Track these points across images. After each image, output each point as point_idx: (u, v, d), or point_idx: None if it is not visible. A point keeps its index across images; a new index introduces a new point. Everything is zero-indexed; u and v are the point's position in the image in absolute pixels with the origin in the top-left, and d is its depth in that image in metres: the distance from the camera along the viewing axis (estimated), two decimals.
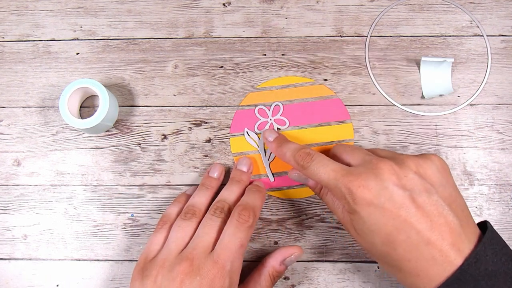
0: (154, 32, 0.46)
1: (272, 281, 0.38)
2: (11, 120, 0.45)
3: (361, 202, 0.31)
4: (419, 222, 0.30)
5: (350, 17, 0.46)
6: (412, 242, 0.30)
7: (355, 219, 0.32)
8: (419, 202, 0.30)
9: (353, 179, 0.32)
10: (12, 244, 0.43)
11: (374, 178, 0.31)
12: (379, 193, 0.31)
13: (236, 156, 0.43)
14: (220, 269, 0.32)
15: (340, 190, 0.32)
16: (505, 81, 0.44)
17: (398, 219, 0.30)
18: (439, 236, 0.30)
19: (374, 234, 0.31)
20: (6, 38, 0.46)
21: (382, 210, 0.31)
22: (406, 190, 0.31)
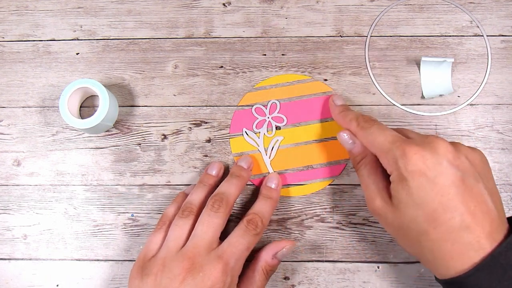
0: (154, 32, 0.46)
1: (266, 275, 0.38)
2: (11, 120, 0.45)
3: (413, 170, 0.31)
4: (465, 205, 0.30)
5: (350, 17, 0.46)
6: (454, 223, 0.30)
7: (401, 189, 0.31)
8: (468, 186, 0.30)
9: (410, 145, 0.32)
10: (12, 244, 0.43)
11: (430, 151, 0.31)
12: (433, 166, 0.31)
13: (236, 156, 0.43)
14: (224, 264, 0.33)
15: (394, 154, 0.32)
16: (505, 81, 0.44)
17: (447, 197, 0.30)
18: (479, 223, 0.30)
19: (418, 208, 0.31)
20: (6, 38, 0.46)
21: (433, 184, 0.30)
22: (458, 171, 0.31)
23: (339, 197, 0.42)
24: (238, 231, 0.35)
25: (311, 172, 0.43)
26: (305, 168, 0.43)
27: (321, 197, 0.43)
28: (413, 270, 0.41)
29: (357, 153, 0.38)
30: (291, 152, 0.43)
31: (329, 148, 0.43)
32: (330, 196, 0.43)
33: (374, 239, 0.42)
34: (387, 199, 0.33)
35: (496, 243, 0.30)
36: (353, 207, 0.42)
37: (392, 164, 0.32)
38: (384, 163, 0.34)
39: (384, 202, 0.33)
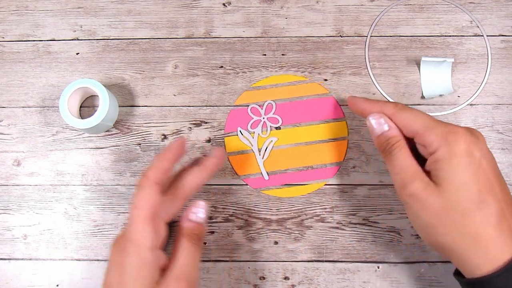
0: (154, 32, 0.46)
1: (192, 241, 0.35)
2: (11, 120, 0.45)
3: (463, 148, 0.31)
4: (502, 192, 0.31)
5: (350, 17, 0.46)
6: (496, 207, 0.30)
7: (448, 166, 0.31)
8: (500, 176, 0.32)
9: (458, 128, 0.32)
10: (12, 244, 0.43)
11: (471, 135, 0.32)
12: (478, 149, 0.31)
13: (231, 155, 0.43)
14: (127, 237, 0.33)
15: (443, 129, 0.32)
16: (505, 81, 0.44)
17: (490, 180, 0.31)
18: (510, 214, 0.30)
19: (465, 188, 0.30)
20: (6, 38, 0.46)
21: (479, 165, 0.31)
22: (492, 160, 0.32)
23: (339, 197, 0.42)
24: None
25: (304, 173, 0.43)
26: (298, 170, 0.43)
27: (321, 197, 0.43)
28: (413, 270, 0.41)
29: (392, 135, 0.35)
30: (284, 153, 0.43)
31: (324, 150, 0.43)
32: (330, 196, 0.43)
33: (374, 239, 0.42)
34: (428, 180, 0.32)
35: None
36: (353, 207, 0.42)
37: (441, 140, 0.32)
38: (429, 139, 0.32)
39: (425, 184, 0.32)
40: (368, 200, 0.42)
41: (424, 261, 0.41)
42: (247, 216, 0.43)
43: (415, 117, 0.34)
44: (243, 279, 0.42)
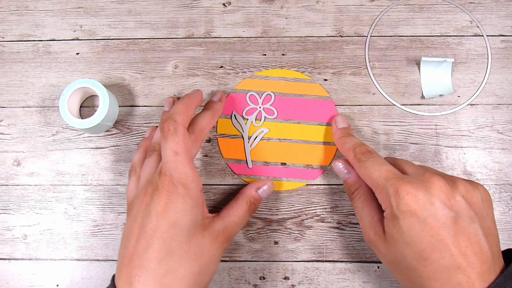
0: (154, 32, 0.46)
1: (249, 208, 0.38)
2: (11, 120, 0.45)
3: (404, 209, 0.31)
4: (456, 246, 0.30)
5: (350, 17, 0.46)
6: (444, 263, 0.30)
7: (392, 226, 0.32)
8: (461, 226, 0.31)
9: (403, 184, 0.32)
10: (12, 244, 0.43)
11: (424, 190, 0.31)
12: (425, 207, 0.31)
13: (220, 137, 0.43)
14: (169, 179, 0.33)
15: (387, 191, 0.32)
16: (505, 81, 0.44)
17: (437, 237, 0.30)
18: (470, 264, 0.30)
19: (408, 246, 0.31)
20: (6, 38, 0.46)
21: (424, 224, 0.30)
22: (451, 211, 0.31)
23: (339, 197, 0.42)
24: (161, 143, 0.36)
25: (287, 170, 0.43)
26: (282, 165, 0.43)
27: (321, 197, 0.43)
28: None
29: (352, 183, 0.38)
30: (272, 146, 0.43)
31: (312, 151, 0.43)
32: (330, 196, 0.43)
33: None
34: (381, 232, 0.34)
35: (487, 284, 0.29)
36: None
37: (385, 202, 0.33)
38: (379, 198, 0.34)
39: (377, 235, 0.34)
40: None
41: None
42: None
43: (369, 174, 0.34)
44: (243, 279, 0.42)
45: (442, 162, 0.43)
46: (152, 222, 0.32)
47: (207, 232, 0.34)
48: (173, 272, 0.32)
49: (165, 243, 0.32)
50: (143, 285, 0.31)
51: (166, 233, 0.32)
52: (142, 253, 0.32)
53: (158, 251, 0.32)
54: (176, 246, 0.32)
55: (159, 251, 0.32)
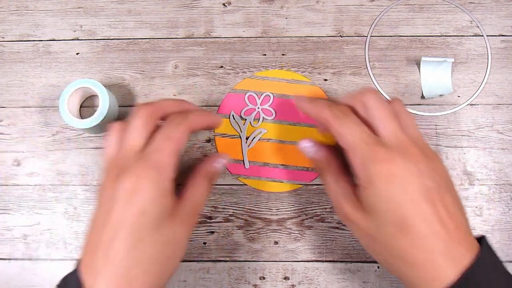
0: (154, 32, 0.46)
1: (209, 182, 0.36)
2: (11, 120, 0.45)
3: (382, 174, 0.30)
4: (435, 214, 0.29)
5: (350, 17, 0.46)
6: (423, 231, 0.29)
7: (369, 193, 0.31)
8: (439, 195, 0.30)
9: (381, 150, 0.30)
10: (12, 244, 0.43)
11: (402, 158, 0.30)
12: (404, 173, 0.30)
13: (217, 136, 0.43)
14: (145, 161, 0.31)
15: (364, 154, 0.31)
16: (505, 81, 0.44)
17: (414, 204, 0.29)
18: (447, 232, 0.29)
19: (387, 213, 0.30)
20: (6, 38, 0.46)
21: (402, 190, 0.30)
22: (427, 180, 0.30)
23: None
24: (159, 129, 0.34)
25: (284, 171, 0.43)
26: (279, 167, 0.43)
27: (321, 197, 0.43)
28: None
29: (321, 159, 0.36)
30: (270, 147, 0.43)
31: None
32: None
33: None
34: (357, 204, 0.32)
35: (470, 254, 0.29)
36: None
37: (361, 165, 0.31)
38: (352, 161, 0.32)
39: (355, 207, 0.32)
40: None
41: None
42: (247, 216, 0.43)
43: (346, 133, 0.32)
44: (243, 279, 0.42)
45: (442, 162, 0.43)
46: (118, 208, 0.30)
47: (176, 217, 0.33)
48: (140, 264, 0.30)
49: (133, 234, 0.30)
50: (109, 278, 0.30)
51: (134, 223, 0.30)
52: (108, 243, 0.30)
53: (124, 241, 0.30)
54: (145, 236, 0.31)
55: (126, 241, 0.30)
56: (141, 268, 0.30)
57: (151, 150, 0.32)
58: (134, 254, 0.30)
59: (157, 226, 0.31)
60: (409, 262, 0.30)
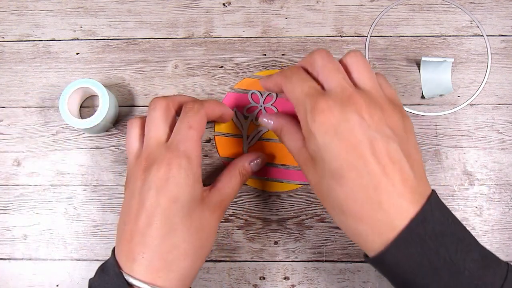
0: (154, 32, 0.46)
1: (242, 179, 0.38)
2: (11, 120, 0.45)
3: (319, 124, 0.30)
4: (373, 164, 0.29)
5: (350, 17, 0.46)
6: (361, 182, 0.29)
7: (310, 143, 0.31)
8: (379, 145, 0.29)
9: (321, 100, 0.30)
10: (12, 244, 0.43)
11: (341, 106, 0.30)
12: (340, 123, 0.29)
13: (217, 135, 0.43)
14: (173, 151, 0.33)
15: (305, 107, 0.31)
16: (505, 81, 0.44)
17: (352, 154, 0.29)
18: (389, 183, 0.28)
19: (325, 164, 0.30)
20: (6, 38, 0.46)
21: (339, 140, 0.29)
22: (369, 129, 0.29)
23: None
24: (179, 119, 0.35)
25: (284, 171, 0.43)
26: (279, 166, 0.43)
27: None
28: None
29: (277, 125, 0.37)
30: (270, 146, 0.43)
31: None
32: None
33: None
34: (308, 156, 0.33)
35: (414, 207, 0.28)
36: None
37: (303, 118, 0.31)
38: (299, 116, 0.33)
39: (305, 159, 0.33)
40: None
41: None
42: (247, 216, 0.43)
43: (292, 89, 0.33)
44: (243, 279, 0.42)
45: (442, 162, 0.43)
46: (152, 197, 0.32)
47: (205, 206, 0.34)
48: (177, 248, 0.32)
49: (167, 220, 0.32)
50: (148, 262, 0.31)
51: (167, 209, 0.32)
52: (144, 229, 0.32)
53: (160, 227, 0.31)
54: (178, 222, 0.32)
55: (161, 227, 0.31)
56: (177, 252, 0.32)
57: (177, 141, 0.33)
58: (170, 239, 0.32)
59: (189, 212, 0.33)
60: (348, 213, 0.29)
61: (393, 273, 0.29)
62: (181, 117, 0.35)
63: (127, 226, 0.32)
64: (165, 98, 0.36)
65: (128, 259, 0.32)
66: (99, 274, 0.33)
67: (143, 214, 0.32)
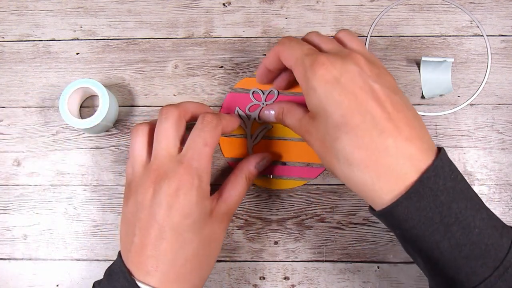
0: (154, 32, 0.46)
1: (247, 182, 0.38)
2: (11, 120, 0.45)
3: (320, 76, 0.30)
4: (377, 109, 0.29)
5: (350, 17, 0.46)
6: (366, 127, 0.28)
7: (312, 98, 0.31)
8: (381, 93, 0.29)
9: (320, 56, 0.31)
10: (12, 244, 0.43)
11: (341, 60, 0.31)
12: (341, 73, 0.30)
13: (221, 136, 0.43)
14: (186, 167, 0.32)
15: (304, 64, 0.32)
16: (505, 81, 0.44)
17: (355, 101, 0.29)
18: (395, 129, 0.28)
19: (327, 115, 0.30)
20: (6, 38, 0.46)
21: (341, 88, 0.30)
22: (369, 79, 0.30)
23: (339, 197, 0.43)
24: (194, 131, 0.35)
25: (288, 168, 0.42)
26: (283, 164, 0.43)
27: (321, 197, 0.43)
28: (413, 270, 0.41)
29: (278, 111, 0.38)
30: (274, 144, 0.43)
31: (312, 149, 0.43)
32: (330, 196, 0.43)
33: (374, 239, 0.42)
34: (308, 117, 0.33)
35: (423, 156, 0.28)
36: (353, 207, 0.42)
37: (303, 76, 0.32)
38: (296, 77, 0.33)
39: (305, 120, 0.33)
40: None
41: None
42: (247, 216, 0.43)
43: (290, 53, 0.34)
44: (243, 279, 0.42)
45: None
46: (163, 211, 0.32)
47: (214, 218, 0.35)
48: (190, 262, 0.32)
49: (180, 235, 0.32)
50: (162, 275, 0.31)
51: (179, 224, 0.32)
52: (156, 243, 0.32)
53: (173, 242, 0.32)
54: (190, 237, 0.32)
55: (174, 242, 0.32)
56: (189, 265, 0.32)
57: (191, 156, 0.33)
58: (183, 254, 0.32)
59: (199, 227, 0.33)
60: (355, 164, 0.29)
61: (402, 227, 0.29)
62: (197, 131, 0.34)
63: (137, 237, 0.32)
64: (177, 107, 0.35)
65: (140, 270, 0.32)
66: (107, 278, 0.33)
67: (154, 227, 0.32)
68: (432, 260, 0.29)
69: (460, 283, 0.28)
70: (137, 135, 0.35)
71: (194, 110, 0.37)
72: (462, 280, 0.28)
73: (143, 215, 0.32)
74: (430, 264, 0.29)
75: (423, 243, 0.28)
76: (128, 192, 0.35)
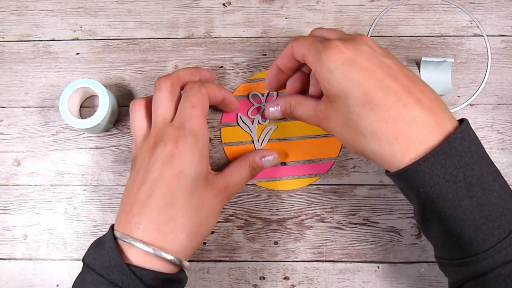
0: (154, 32, 0.46)
1: (251, 171, 0.39)
2: (11, 120, 0.45)
3: (336, 58, 0.31)
4: (396, 84, 0.30)
5: (350, 17, 0.46)
6: (390, 102, 0.30)
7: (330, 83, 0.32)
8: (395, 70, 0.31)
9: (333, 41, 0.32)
10: (12, 244, 0.43)
11: (352, 42, 0.32)
12: (356, 54, 0.31)
13: (226, 146, 0.43)
14: (178, 128, 0.34)
15: (318, 48, 0.32)
16: (505, 81, 0.44)
17: (375, 78, 0.30)
18: (418, 100, 0.30)
19: (348, 96, 0.31)
20: (6, 38, 0.46)
21: (359, 68, 0.31)
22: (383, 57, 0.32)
23: (339, 197, 0.43)
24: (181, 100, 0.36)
25: (298, 167, 0.43)
26: (292, 163, 0.43)
27: (321, 197, 0.43)
28: (413, 270, 0.41)
29: (285, 105, 0.38)
30: (282, 145, 0.43)
31: (319, 145, 0.43)
32: (330, 196, 0.43)
33: (374, 239, 0.42)
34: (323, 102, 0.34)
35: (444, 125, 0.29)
36: (353, 207, 0.42)
37: (317, 61, 0.32)
38: (309, 62, 0.34)
39: (322, 106, 0.34)
40: (368, 200, 0.42)
41: (424, 261, 0.41)
42: (247, 216, 0.43)
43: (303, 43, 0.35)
44: (243, 279, 0.42)
45: None
46: (156, 170, 0.33)
47: (209, 187, 0.35)
48: (174, 221, 0.32)
49: (168, 192, 0.32)
50: (143, 232, 0.31)
51: (170, 182, 0.32)
52: (144, 200, 0.32)
53: (160, 198, 0.32)
54: (179, 196, 0.33)
55: (161, 198, 0.32)
56: (173, 225, 0.32)
57: (182, 119, 0.34)
58: (168, 211, 0.32)
59: (191, 188, 0.33)
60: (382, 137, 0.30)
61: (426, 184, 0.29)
62: (183, 98, 0.36)
63: (129, 198, 0.33)
64: (169, 77, 0.37)
65: (124, 229, 0.32)
66: (94, 248, 0.33)
67: (145, 186, 0.33)
68: (451, 220, 0.29)
69: (476, 243, 0.29)
70: (135, 109, 0.37)
71: (186, 77, 0.38)
72: (479, 240, 0.29)
73: (138, 177, 0.33)
74: (447, 226, 0.30)
75: (445, 201, 0.29)
76: (133, 165, 0.36)
